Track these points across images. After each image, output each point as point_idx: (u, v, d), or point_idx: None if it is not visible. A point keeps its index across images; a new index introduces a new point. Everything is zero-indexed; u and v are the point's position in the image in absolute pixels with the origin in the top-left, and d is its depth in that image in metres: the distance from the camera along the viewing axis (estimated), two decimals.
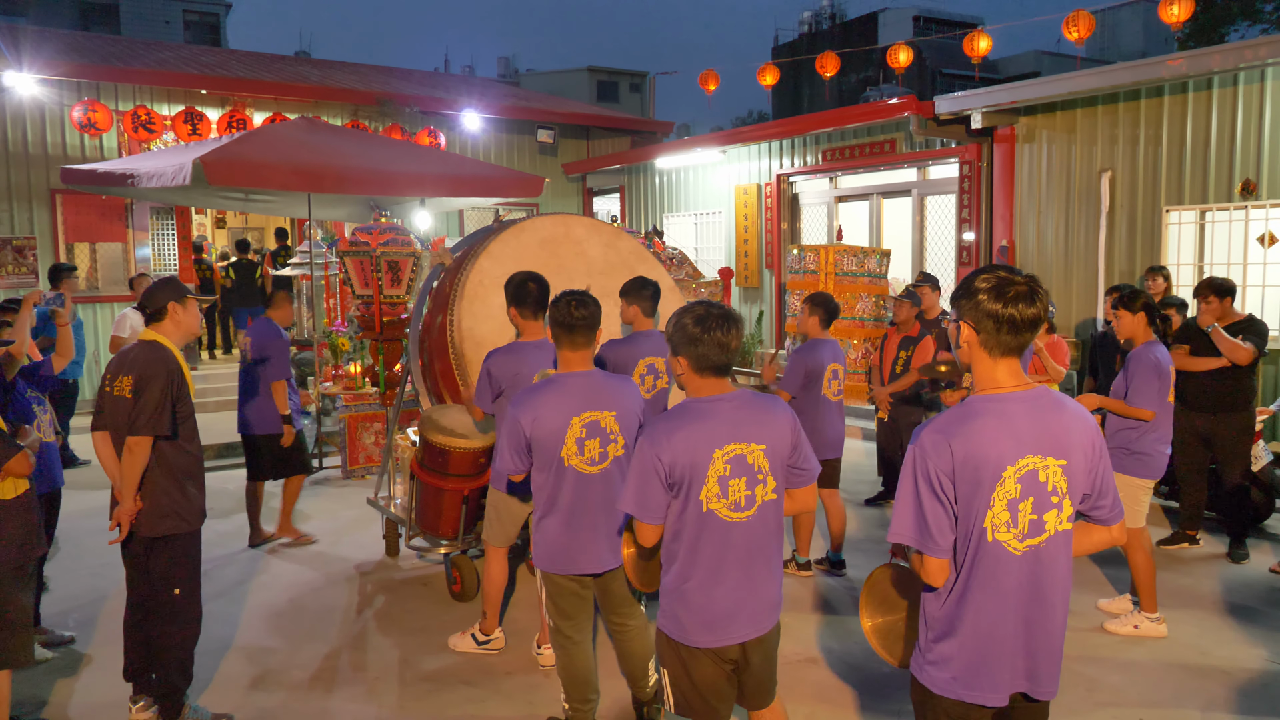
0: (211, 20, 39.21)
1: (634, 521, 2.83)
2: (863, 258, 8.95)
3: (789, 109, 37.18)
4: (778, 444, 2.78)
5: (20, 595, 3.77)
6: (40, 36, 13.68)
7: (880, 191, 11.59)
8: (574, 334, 3.53)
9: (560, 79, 41.20)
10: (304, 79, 13.99)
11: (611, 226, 6.32)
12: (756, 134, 12.96)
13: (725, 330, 2.73)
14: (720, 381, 2.77)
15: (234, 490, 8.14)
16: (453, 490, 5.19)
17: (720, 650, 2.76)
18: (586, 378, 3.55)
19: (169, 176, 7.63)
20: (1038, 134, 9.53)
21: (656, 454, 2.68)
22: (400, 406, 6.32)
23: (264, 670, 4.66)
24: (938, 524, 2.31)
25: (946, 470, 2.30)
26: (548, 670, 4.57)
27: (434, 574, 5.97)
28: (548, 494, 3.54)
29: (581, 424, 3.45)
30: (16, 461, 3.62)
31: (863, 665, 4.62)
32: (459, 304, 5.42)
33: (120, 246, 11.98)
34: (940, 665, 2.40)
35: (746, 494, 2.73)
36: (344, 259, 6.70)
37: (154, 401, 3.77)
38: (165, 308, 3.96)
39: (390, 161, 8.50)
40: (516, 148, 15.00)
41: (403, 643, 4.95)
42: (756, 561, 2.78)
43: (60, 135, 11.45)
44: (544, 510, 3.57)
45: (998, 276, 2.33)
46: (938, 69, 38.18)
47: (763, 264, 12.76)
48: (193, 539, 4.04)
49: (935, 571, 2.35)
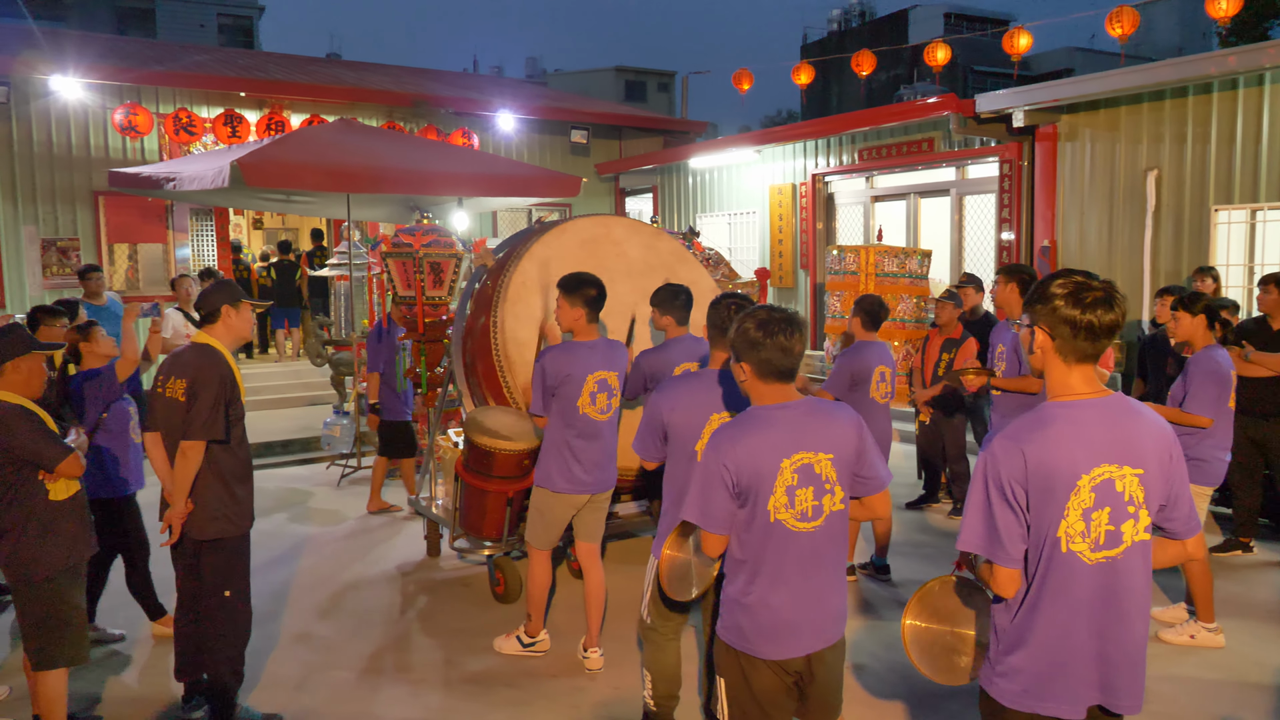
0: (244, 23, 39.61)
1: (692, 531, 2.79)
2: (904, 259, 8.86)
3: (818, 108, 36.93)
4: (845, 453, 2.72)
5: (74, 594, 3.80)
6: (83, 41, 13.88)
7: (917, 191, 11.48)
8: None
9: (588, 79, 41.24)
10: (340, 81, 14.08)
11: (651, 227, 6.29)
12: (791, 133, 12.88)
13: (789, 334, 2.67)
14: (785, 388, 2.72)
15: (271, 489, 8.22)
16: (496, 492, 5.19)
17: (784, 662, 2.71)
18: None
19: (209, 179, 7.69)
20: (1081, 132, 9.39)
21: (723, 462, 2.64)
22: (442, 407, 6.32)
23: (310, 669, 4.68)
24: (1009, 533, 2.26)
25: (1018, 477, 2.25)
26: (593, 674, 4.55)
27: (474, 574, 5.98)
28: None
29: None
30: (68, 463, 3.65)
31: (912, 674, 4.55)
32: (502, 306, 5.41)
33: (160, 247, 12.11)
34: (1010, 677, 2.34)
35: (814, 504, 2.68)
36: (387, 260, 6.72)
37: (207, 406, 3.78)
38: (219, 310, 3.98)
39: (427, 162, 8.52)
40: (549, 148, 15.01)
41: (446, 643, 4.96)
42: (822, 572, 2.73)
43: (103, 138, 11.60)
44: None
45: (1074, 281, 2.28)
46: (969, 66, 37.76)
47: (797, 264, 12.67)
48: (242, 542, 4.06)
49: (1006, 582, 2.30)
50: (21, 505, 3.64)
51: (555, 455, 4.44)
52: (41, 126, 11.27)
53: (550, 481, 4.45)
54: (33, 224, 11.27)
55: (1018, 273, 5.11)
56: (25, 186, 11.23)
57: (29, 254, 11.26)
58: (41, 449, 3.60)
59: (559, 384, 4.35)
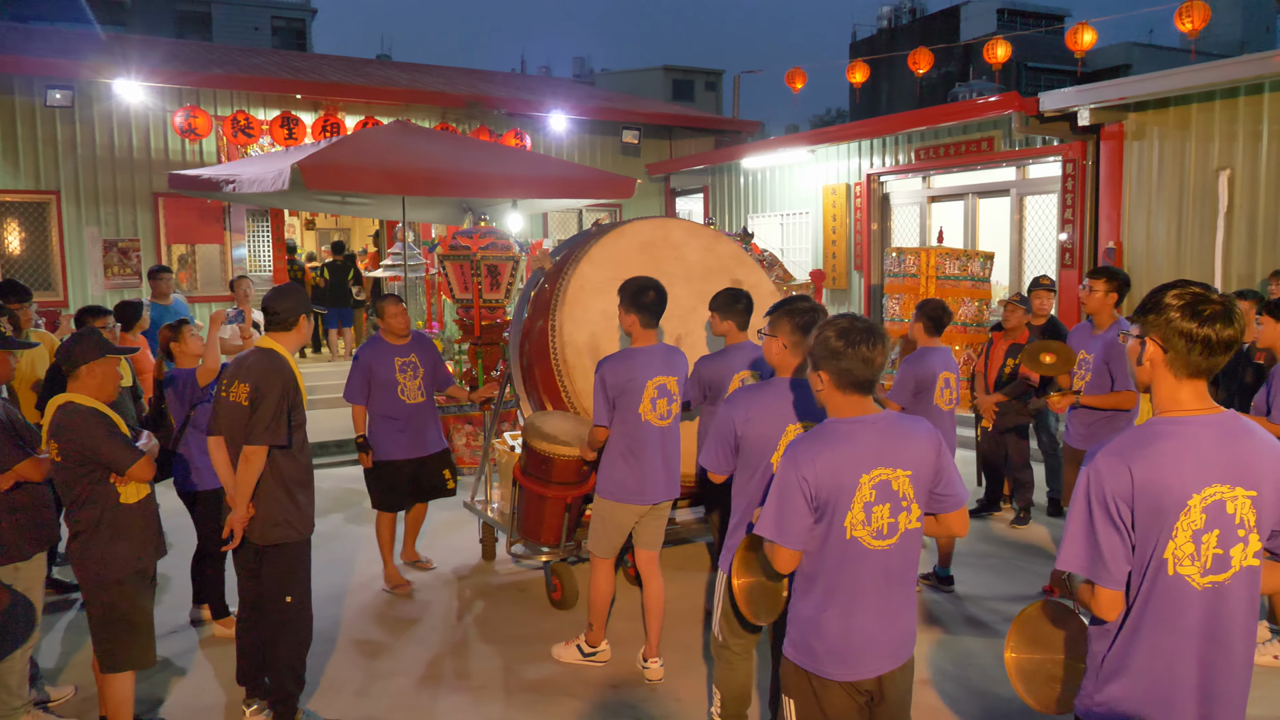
0: (297, 25, 40.24)
1: (767, 547, 2.70)
2: (965, 261, 8.66)
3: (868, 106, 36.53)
4: (923, 470, 2.63)
5: (142, 598, 3.82)
6: (144, 45, 14.13)
7: (976, 191, 11.24)
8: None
9: (635, 78, 41.19)
10: (393, 82, 14.18)
11: (710, 230, 6.20)
12: (846, 133, 12.70)
13: (870, 345, 2.58)
14: (863, 400, 2.63)
15: (329, 489, 8.26)
16: (555, 498, 5.14)
17: (857, 683, 2.63)
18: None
19: (269, 182, 7.77)
20: (1149, 130, 9.10)
21: (802, 475, 2.56)
22: (499, 410, 6.29)
23: (370, 675, 4.67)
24: (1112, 553, 2.16)
25: (1124, 495, 2.14)
26: (653, 685, 4.48)
27: (531, 579, 5.94)
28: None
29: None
30: (139, 467, 3.67)
31: (982, 690, 4.42)
32: (561, 309, 5.36)
33: (217, 248, 12.30)
34: (1108, 708, 2.23)
35: (890, 521, 2.59)
36: (444, 263, 6.71)
37: (270, 412, 3.78)
38: (295, 319, 3.97)
39: (484, 163, 8.52)
40: (600, 148, 14.98)
41: (504, 650, 4.92)
42: (895, 591, 2.65)
43: (163, 140, 11.79)
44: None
45: (1191, 293, 2.16)
46: (1023, 62, 37.08)
47: (851, 266, 12.49)
48: (303, 547, 4.05)
49: (1107, 605, 2.19)
50: (93, 506, 3.67)
51: (617, 463, 4.37)
52: (104, 129, 11.49)
53: (612, 490, 4.39)
54: (95, 225, 11.50)
55: (1115, 277, 4.90)
56: (88, 188, 11.46)
57: (91, 255, 11.49)
58: (113, 451, 3.62)
59: (620, 392, 4.28)
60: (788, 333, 3.32)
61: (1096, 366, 4.96)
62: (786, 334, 3.32)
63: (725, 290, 4.44)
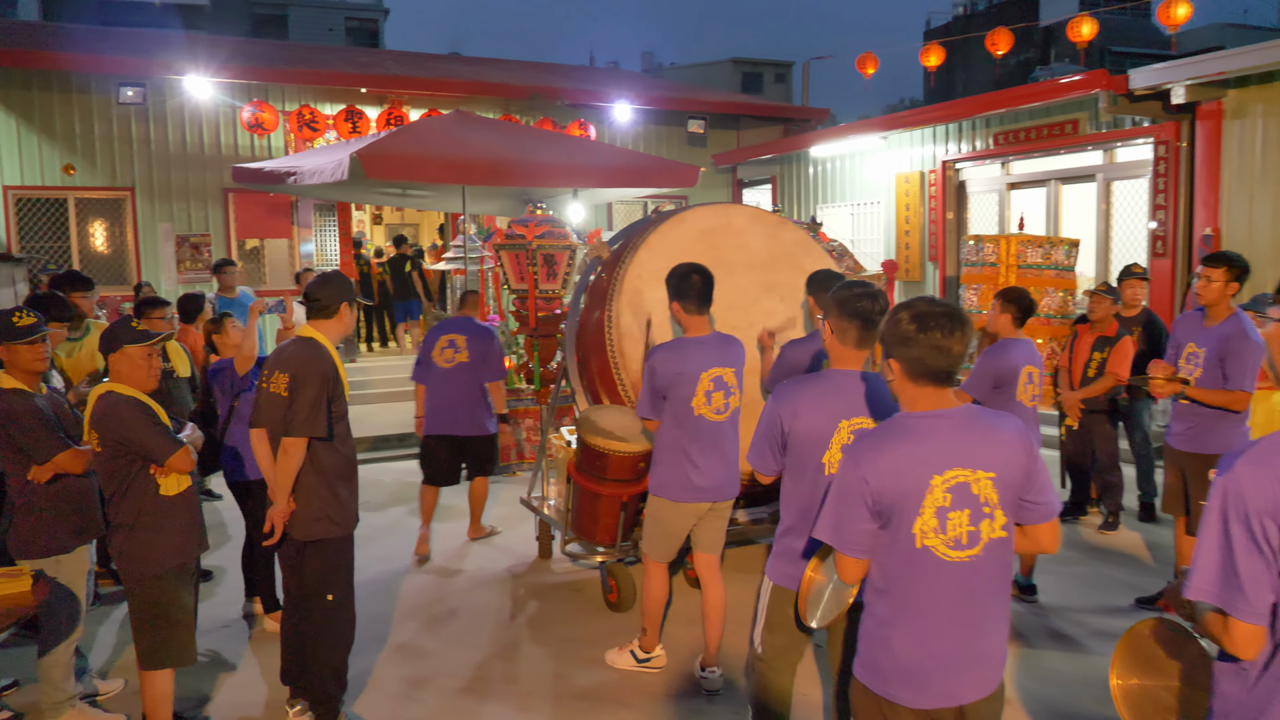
0: (370, 26, 40.86)
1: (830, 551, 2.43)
2: (1049, 249, 8.17)
3: (943, 94, 35.50)
4: (1009, 473, 2.31)
5: (183, 594, 3.72)
6: (213, 44, 14.35)
7: (1059, 177, 10.67)
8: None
9: (704, 71, 40.78)
10: (456, 75, 14.13)
11: (774, 216, 5.91)
12: (920, 118, 12.20)
13: (947, 331, 2.28)
14: (940, 393, 2.34)
15: (388, 483, 8.20)
16: (610, 496, 4.92)
17: (933, 713, 2.32)
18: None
19: (328, 173, 7.71)
20: (1250, 109, 8.48)
21: (863, 475, 2.28)
22: (555, 404, 6.10)
23: (416, 676, 4.51)
24: (1253, 580, 1.80)
25: (1270, 511, 1.79)
26: (711, 695, 4.23)
27: (587, 579, 5.73)
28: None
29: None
30: (179, 458, 3.55)
31: (1069, 713, 4.06)
32: (617, 299, 5.14)
33: (286, 243, 12.40)
34: None
35: (969, 529, 2.28)
36: (500, 252, 6.54)
37: (309, 403, 3.63)
38: (338, 307, 3.83)
39: (543, 153, 8.35)
40: (665, 139, 14.73)
41: (555, 653, 4.72)
42: (979, 609, 2.32)
43: (232, 136, 11.93)
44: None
45: None
46: (1106, 46, 35.65)
47: (925, 256, 12.01)
48: (345, 543, 3.91)
49: (1244, 641, 1.83)
50: (133, 499, 3.57)
51: (671, 461, 4.11)
52: (176, 126, 11.67)
53: (667, 490, 4.13)
54: (168, 221, 11.69)
55: (1235, 264, 4.42)
56: (161, 184, 11.65)
57: (164, 250, 11.68)
58: (151, 441, 3.51)
59: (670, 384, 4.02)
60: (834, 316, 3.00)
61: (1209, 362, 4.50)
62: (833, 317, 3.00)
63: (824, 271, 4.21)
